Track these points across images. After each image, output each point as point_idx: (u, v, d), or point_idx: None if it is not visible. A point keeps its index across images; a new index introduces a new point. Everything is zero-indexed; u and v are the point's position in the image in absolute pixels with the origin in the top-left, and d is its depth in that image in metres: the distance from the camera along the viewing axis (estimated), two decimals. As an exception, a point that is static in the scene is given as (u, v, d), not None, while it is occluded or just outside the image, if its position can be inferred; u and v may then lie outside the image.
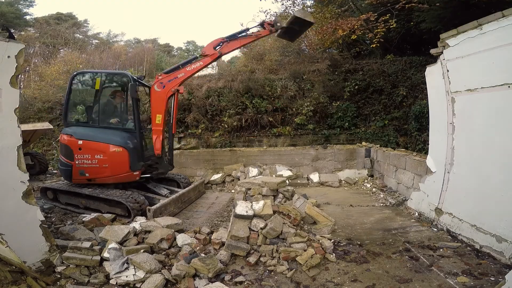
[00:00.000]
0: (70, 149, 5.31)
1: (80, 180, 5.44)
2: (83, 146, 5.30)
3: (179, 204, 5.70)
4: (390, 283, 3.09)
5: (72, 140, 5.32)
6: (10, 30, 3.52)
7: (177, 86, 5.73)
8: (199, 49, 41.25)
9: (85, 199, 5.46)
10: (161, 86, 5.70)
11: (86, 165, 5.31)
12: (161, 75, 5.81)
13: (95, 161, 5.30)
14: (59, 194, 5.88)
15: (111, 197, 5.09)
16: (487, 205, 3.72)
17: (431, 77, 4.90)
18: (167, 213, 5.15)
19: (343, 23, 9.94)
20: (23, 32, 22.51)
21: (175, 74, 5.74)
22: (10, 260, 2.94)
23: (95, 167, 5.31)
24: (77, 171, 5.33)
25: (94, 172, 5.33)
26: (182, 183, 6.70)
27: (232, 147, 9.68)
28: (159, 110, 5.73)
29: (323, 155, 8.55)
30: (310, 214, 4.52)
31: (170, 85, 5.70)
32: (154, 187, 6.14)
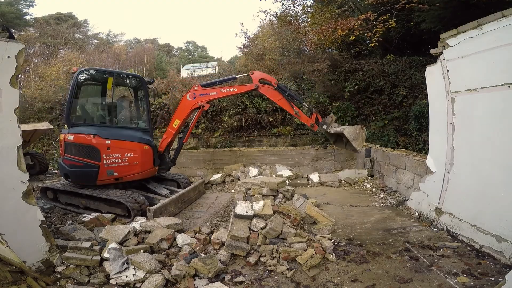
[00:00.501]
0: (97, 149, 5.14)
1: (107, 181, 5.33)
2: (112, 145, 5.22)
3: (179, 204, 5.71)
4: (390, 283, 3.09)
5: (99, 140, 5.17)
6: (10, 30, 3.51)
7: (204, 102, 5.99)
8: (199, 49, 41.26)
9: (85, 199, 5.43)
10: (192, 96, 5.99)
11: (115, 164, 5.27)
12: (198, 86, 6.07)
13: (125, 160, 5.32)
14: (59, 194, 5.85)
15: (112, 197, 5.08)
16: (487, 205, 3.72)
17: (431, 77, 4.90)
18: (167, 213, 5.16)
19: (342, 23, 9.95)
20: (23, 32, 22.54)
21: (208, 90, 6.04)
22: (10, 260, 2.94)
23: (125, 165, 5.34)
24: (105, 172, 5.23)
25: (124, 170, 5.36)
26: (182, 183, 6.72)
27: (232, 147, 9.68)
28: (180, 116, 6.08)
29: (323, 155, 8.55)
30: (310, 214, 4.51)
31: (200, 99, 6.00)
32: (154, 187, 6.16)
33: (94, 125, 5.63)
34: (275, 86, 6.02)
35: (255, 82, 6.00)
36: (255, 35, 17.37)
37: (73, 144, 5.20)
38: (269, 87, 6.05)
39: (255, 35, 17.52)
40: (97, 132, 5.26)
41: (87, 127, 5.45)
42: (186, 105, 6.04)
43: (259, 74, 6.19)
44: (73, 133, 5.24)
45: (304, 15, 14.55)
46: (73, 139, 5.20)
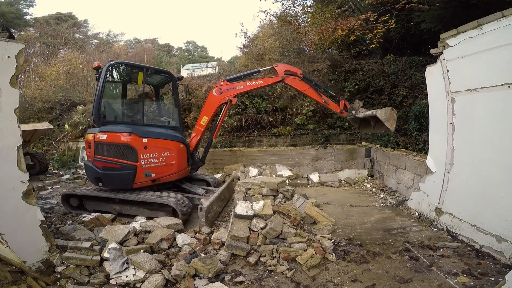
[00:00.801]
0: (134, 149, 4.77)
1: (143, 183, 4.96)
2: (149, 144, 4.89)
3: (219, 203, 5.45)
4: (390, 283, 3.09)
5: (134, 139, 4.79)
6: (10, 30, 3.51)
7: (232, 96, 5.90)
8: (199, 49, 41.29)
9: (119, 205, 4.98)
10: (219, 91, 5.89)
11: (152, 165, 4.95)
12: (223, 81, 5.97)
13: (163, 159, 5.03)
14: (86, 201, 5.31)
15: (157, 201, 4.66)
16: (487, 205, 3.72)
17: (431, 77, 4.90)
18: (213, 211, 4.85)
19: (342, 23, 9.95)
20: (23, 32, 22.56)
21: (235, 84, 5.94)
22: (10, 260, 2.94)
23: (162, 165, 5.04)
24: (142, 173, 4.85)
25: (161, 171, 5.05)
26: (212, 182, 6.50)
27: (232, 147, 9.68)
28: (207, 113, 5.94)
29: (323, 155, 8.55)
30: (310, 214, 4.52)
31: (227, 94, 5.90)
32: (190, 187, 5.89)
33: (126, 123, 5.25)
34: (300, 77, 6.03)
35: (281, 73, 5.97)
36: (255, 35, 17.39)
37: (106, 144, 4.78)
38: (295, 78, 6.03)
39: (255, 35, 17.54)
40: (132, 130, 4.86)
41: (118, 125, 5.03)
42: (213, 100, 5.89)
43: (283, 66, 6.16)
44: (106, 131, 4.80)
45: (304, 15, 14.57)
46: (106, 139, 4.76)
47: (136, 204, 4.94)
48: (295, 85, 6.09)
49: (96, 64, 5.26)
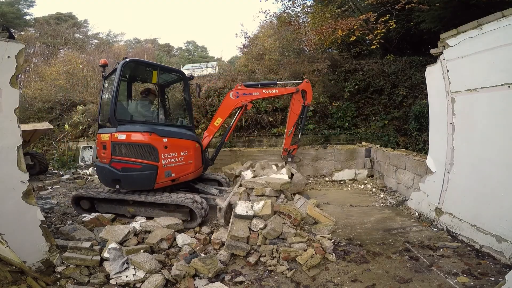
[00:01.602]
0: (155, 148, 4.67)
1: (164, 183, 4.89)
2: (169, 144, 4.85)
3: None
4: (390, 283, 3.09)
5: (155, 138, 4.70)
6: (10, 30, 3.51)
7: (248, 101, 6.14)
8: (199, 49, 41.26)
9: (133, 207, 4.88)
10: (235, 95, 6.10)
11: (172, 164, 4.91)
12: (241, 85, 6.18)
13: (181, 159, 5.04)
14: (97, 204, 5.16)
15: (174, 202, 4.57)
16: (487, 205, 3.72)
17: (431, 77, 4.90)
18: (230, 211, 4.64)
19: (342, 23, 9.94)
20: (23, 32, 22.55)
21: (251, 90, 6.19)
22: (10, 260, 2.94)
23: (181, 165, 5.05)
24: (163, 173, 4.78)
25: (180, 170, 5.04)
26: (223, 182, 6.46)
27: (232, 147, 9.68)
28: (222, 115, 6.16)
29: (323, 155, 8.55)
30: (311, 214, 4.52)
31: (243, 98, 6.13)
32: (203, 188, 5.79)
33: (141, 122, 5.09)
34: (305, 104, 6.60)
35: (300, 88, 6.52)
36: (255, 35, 17.37)
37: (126, 145, 4.63)
38: (301, 100, 6.59)
39: (255, 35, 17.53)
40: (152, 129, 4.76)
41: (136, 125, 4.88)
42: (229, 103, 6.10)
43: (307, 85, 6.63)
44: (124, 131, 4.64)
45: (304, 15, 14.56)
46: (125, 139, 4.62)
47: (152, 206, 4.82)
48: (294, 103, 6.66)
49: (103, 62, 5.17)
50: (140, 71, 5.70)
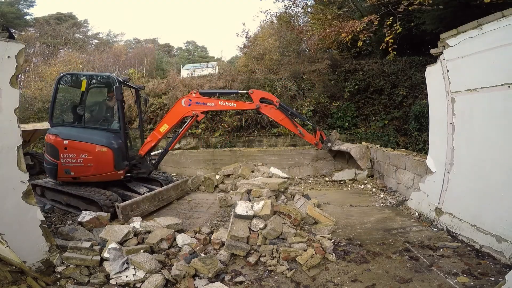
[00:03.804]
0: (56, 148, 5.37)
1: (65, 178, 5.53)
2: (69, 145, 5.36)
3: (155, 202, 5.70)
4: (390, 283, 3.09)
5: (57, 140, 5.38)
6: (10, 30, 3.51)
7: (199, 111, 5.74)
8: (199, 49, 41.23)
9: (66, 196, 5.62)
10: (187, 103, 5.72)
11: (71, 164, 5.38)
12: (197, 93, 5.82)
13: (80, 160, 5.38)
14: (46, 191, 6.05)
15: (85, 195, 5.25)
16: (487, 205, 3.71)
17: (431, 77, 4.90)
18: (139, 210, 5.22)
19: (346, 25, 9.86)
20: (23, 32, 22.55)
21: (206, 100, 5.79)
22: (10, 260, 2.94)
23: (80, 166, 5.39)
24: (63, 170, 5.40)
25: (79, 171, 5.43)
26: (163, 181, 6.71)
27: (232, 147, 9.68)
28: (169, 121, 5.84)
29: (323, 155, 8.53)
30: (311, 215, 4.51)
31: (195, 107, 5.75)
32: (134, 186, 6.15)
33: (72, 125, 5.81)
34: (277, 105, 5.84)
35: (256, 102, 5.81)
36: (255, 35, 17.37)
37: (46, 143, 5.68)
38: (271, 106, 5.85)
39: (256, 35, 17.52)
40: (58, 132, 5.47)
41: (63, 127, 5.70)
42: (179, 111, 5.80)
43: (260, 92, 6.00)
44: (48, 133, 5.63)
45: (305, 15, 14.55)
46: (46, 138, 5.68)
47: (77, 197, 5.49)
48: (270, 114, 5.92)
49: None
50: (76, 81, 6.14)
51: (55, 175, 5.49)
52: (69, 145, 5.37)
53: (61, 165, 5.36)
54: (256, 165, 8.13)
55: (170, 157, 8.94)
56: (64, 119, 6.07)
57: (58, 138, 5.40)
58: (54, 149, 5.39)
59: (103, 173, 5.52)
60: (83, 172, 5.42)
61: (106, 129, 5.87)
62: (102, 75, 6.54)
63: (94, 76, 6.29)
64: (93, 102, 6.05)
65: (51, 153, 5.46)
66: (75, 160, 5.37)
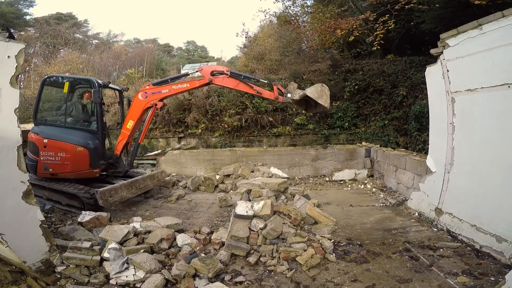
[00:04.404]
0: (36, 146, 5.65)
1: (44, 174, 5.81)
2: (48, 144, 5.63)
3: (132, 190, 5.98)
4: (390, 283, 3.09)
5: (38, 138, 5.65)
6: (10, 30, 3.51)
7: (157, 100, 5.94)
8: (199, 49, 41.25)
9: (47, 191, 5.85)
10: (144, 95, 5.95)
11: (50, 162, 5.65)
12: (149, 85, 6.01)
13: (58, 158, 5.66)
14: None
15: (67, 190, 5.51)
16: (487, 205, 3.71)
17: (431, 77, 4.90)
18: (118, 197, 5.51)
19: (342, 23, 9.93)
20: (23, 32, 22.54)
21: (160, 88, 5.97)
22: (10, 260, 2.94)
23: (58, 163, 5.65)
24: (42, 166, 5.68)
25: (57, 168, 5.69)
26: None
27: (232, 147, 9.68)
28: (133, 117, 6.07)
29: (323, 155, 8.54)
30: (311, 214, 4.51)
31: (152, 98, 5.95)
32: (113, 180, 6.37)
33: (53, 125, 6.07)
34: (228, 73, 5.76)
35: (207, 75, 5.79)
36: (255, 35, 17.36)
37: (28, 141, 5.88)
38: (223, 76, 5.78)
39: (255, 35, 17.51)
40: (39, 131, 5.73)
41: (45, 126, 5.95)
42: (138, 105, 6.01)
43: (208, 67, 6.02)
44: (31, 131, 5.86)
45: (304, 15, 14.56)
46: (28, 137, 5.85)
47: (58, 193, 5.71)
48: (225, 83, 5.89)
49: None
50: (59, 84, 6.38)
51: (35, 171, 5.74)
52: (48, 144, 5.64)
53: (41, 161, 5.66)
54: (256, 165, 8.14)
55: (170, 157, 8.95)
56: (47, 119, 6.41)
57: (39, 136, 5.67)
58: (35, 146, 5.69)
59: (79, 171, 5.80)
60: (61, 169, 5.71)
61: (85, 129, 6.10)
62: (83, 78, 6.93)
63: (76, 79, 6.59)
64: (74, 103, 6.26)
65: (32, 150, 5.75)
66: (53, 158, 5.66)
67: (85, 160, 5.75)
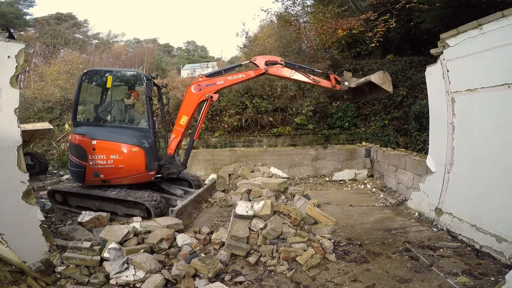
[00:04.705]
0: (83, 149, 5.05)
1: (94, 182, 5.20)
2: (98, 146, 5.05)
3: (195, 205, 5.56)
4: (390, 283, 3.09)
5: (85, 140, 5.08)
6: (10, 30, 3.51)
7: (212, 92, 5.59)
8: (199, 49, 41.28)
9: (99, 201, 5.22)
10: (198, 88, 5.57)
11: (100, 166, 5.07)
12: (202, 77, 5.67)
13: (111, 162, 5.06)
14: (69, 197, 5.55)
15: (130, 198, 4.91)
16: (487, 205, 3.72)
17: (431, 77, 4.90)
18: (186, 213, 5.02)
19: (343, 23, 9.94)
20: (23, 32, 22.57)
21: (214, 80, 5.63)
22: (10, 260, 2.94)
23: (110, 168, 5.07)
24: (91, 172, 5.09)
25: (109, 173, 5.11)
26: (193, 182, 6.50)
27: (232, 147, 9.68)
28: (187, 112, 5.65)
29: (323, 155, 8.54)
30: (311, 214, 4.51)
31: (207, 90, 5.58)
32: (169, 188, 5.94)
33: (97, 125, 5.55)
34: (282, 63, 5.65)
35: (262, 65, 5.62)
36: (255, 35, 17.36)
37: (71, 144, 5.36)
38: (278, 66, 5.65)
39: (255, 35, 17.51)
40: (85, 132, 5.18)
41: (88, 127, 5.41)
42: (192, 98, 5.59)
43: (262, 57, 5.82)
44: (74, 133, 5.31)
45: (305, 15, 14.55)
46: (71, 139, 5.38)
47: (114, 201, 5.12)
48: (280, 73, 5.73)
49: None
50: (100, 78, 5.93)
51: (83, 179, 5.12)
52: (98, 146, 5.04)
53: (89, 167, 5.03)
54: (256, 165, 8.13)
55: (170, 157, 8.94)
56: (89, 118, 5.75)
57: (85, 138, 5.06)
58: (82, 150, 5.04)
59: (134, 175, 5.21)
60: (114, 174, 5.12)
61: (135, 128, 5.59)
62: (129, 71, 6.29)
63: (120, 72, 6.05)
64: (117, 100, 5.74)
65: (78, 154, 5.10)
66: (104, 162, 5.05)
67: (141, 161, 5.15)
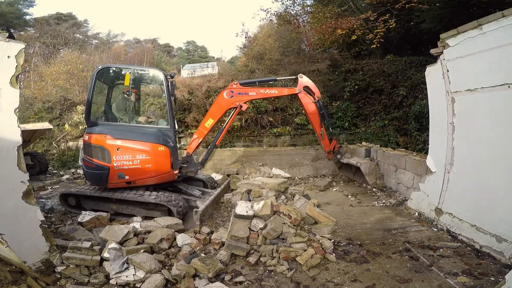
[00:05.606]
0: (107, 150, 4.80)
1: (118, 184, 4.97)
2: (122, 146, 4.84)
3: (214, 205, 5.51)
4: (390, 283, 3.09)
5: (107, 140, 4.87)
6: (10, 30, 3.51)
7: (243, 102, 5.63)
8: (199, 49, 41.26)
9: (116, 204, 5.07)
10: (230, 94, 5.62)
11: (126, 167, 4.85)
12: (236, 84, 5.71)
13: (137, 162, 4.87)
14: (83, 200, 5.35)
15: (152, 200, 4.77)
16: (487, 205, 3.71)
17: (431, 77, 4.90)
18: (208, 214, 4.95)
19: (342, 22, 9.95)
20: (23, 32, 22.56)
21: (248, 89, 5.67)
22: (10, 260, 2.94)
23: (137, 168, 4.88)
24: (115, 174, 4.85)
25: (135, 173, 4.91)
26: (209, 183, 6.45)
27: (232, 147, 9.67)
28: (214, 115, 5.67)
29: (323, 155, 8.52)
30: (311, 214, 4.52)
31: (238, 98, 5.63)
32: (186, 188, 5.87)
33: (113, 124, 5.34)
34: (316, 99, 5.87)
35: (300, 87, 5.79)
36: (255, 35, 17.35)
37: (88, 145, 5.02)
38: (311, 98, 5.89)
39: (255, 35, 17.50)
40: (108, 131, 4.94)
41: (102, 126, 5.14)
42: (223, 103, 5.63)
43: (307, 81, 5.96)
44: (89, 133, 5.02)
45: (305, 14, 14.56)
46: (87, 139, 5.04)
47: (133, 204, 5.00)
48: (306, 105, 5.93)
49: None
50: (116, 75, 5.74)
51: (106, 181, 4.85)
52: (123, 146, 4.81)
53: (114, 168, 4.79)
54: (256, 165, 8.15)
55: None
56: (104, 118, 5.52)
57: (108, 137, 4.81)
58: (105, 151, 4.78)
59: (160, 174, 5.07)
60: (140, 174, 4.92)
61: (156, 127, 5.44)
62: (148, 69, 6.16)
63: (138, 70, 5.81)
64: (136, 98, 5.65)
65: (100, 156, 4.82)
66: (130, 162, 4.83)
67: (167, 160, 5.03)
